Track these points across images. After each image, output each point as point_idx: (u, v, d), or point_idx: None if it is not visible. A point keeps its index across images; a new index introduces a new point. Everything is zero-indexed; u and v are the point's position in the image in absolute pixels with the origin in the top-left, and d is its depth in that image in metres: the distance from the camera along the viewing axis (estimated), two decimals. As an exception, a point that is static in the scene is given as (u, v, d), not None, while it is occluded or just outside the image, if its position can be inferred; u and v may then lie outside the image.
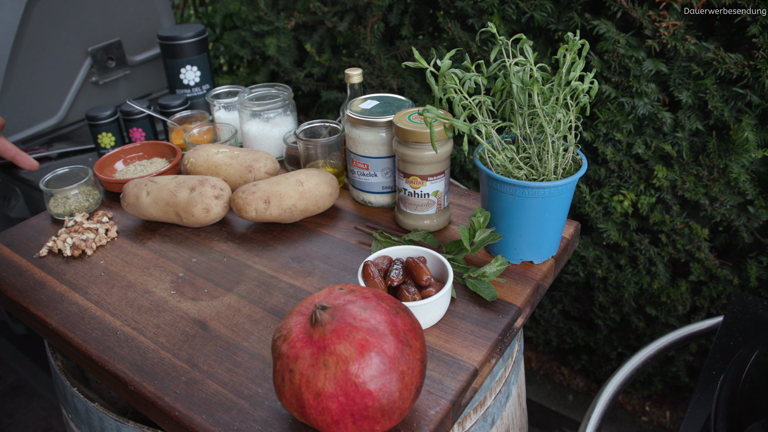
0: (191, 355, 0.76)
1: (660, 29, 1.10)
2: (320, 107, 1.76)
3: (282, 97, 1.18)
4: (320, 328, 0.58)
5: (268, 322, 0.81)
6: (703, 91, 1.12)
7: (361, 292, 0.62)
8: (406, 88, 1.52)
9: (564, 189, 0.81)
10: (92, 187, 1.09)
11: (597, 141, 1.27)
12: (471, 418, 0.85)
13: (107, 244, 0.99)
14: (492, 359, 0.77)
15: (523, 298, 0.82)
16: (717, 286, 1.31)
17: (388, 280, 0.77)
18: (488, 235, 0.83)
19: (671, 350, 1.12)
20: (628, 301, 1.42)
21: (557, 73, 0.79)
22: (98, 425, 0.79)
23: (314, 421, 0.58)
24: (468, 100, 0.81)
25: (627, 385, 1.03)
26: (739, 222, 1.22)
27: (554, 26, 1.23)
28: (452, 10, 1.36)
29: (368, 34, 1.51)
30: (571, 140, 0.83)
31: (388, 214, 1.03)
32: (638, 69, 1.15)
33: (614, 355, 1.59)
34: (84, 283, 0.90)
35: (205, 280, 0.89)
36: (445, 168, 0.92)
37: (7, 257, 0.97)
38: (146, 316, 0.83)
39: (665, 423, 1.63)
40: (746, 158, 1.14)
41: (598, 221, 1.35)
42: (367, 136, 0.97)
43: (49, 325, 0.83)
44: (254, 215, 0.96)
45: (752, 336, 0.98)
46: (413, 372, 0.59)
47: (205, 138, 1.24)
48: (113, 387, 0.76)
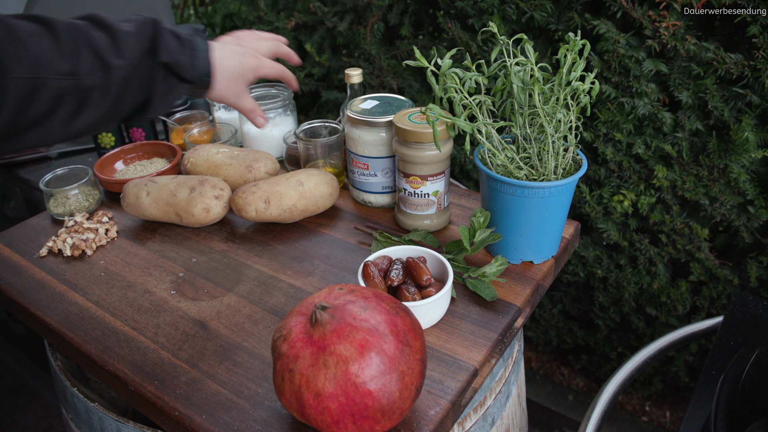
0: (191, 355, 0.76)
1: (660, 29, 1.11)
2: (320, 107, 1.76)
3: (282, 97, 1.18)
4: (320, 328, 0.58)
5: (268, 322, 0.81)
6: (703, 91, 1.12)
7: (361, 292, 0.62)
8: (406, 88, 1.52)
9: (564, 189, 0.81)
10: (92, 187, 1.09)
11: (597, 141, 1.27)
12: (471, 418, 0.85)
13: (107, 244, 0.99)
14: (492, 359, 0.77)
15: (523, 298, 0.82)
16: (717, 286, 1.31)
17: (388, 280, 0.77)
18: (488, 235, 0.83)
19: (671, 350, 1.12)
20: (628, 301, 1.42)
21: (558, 73, 0.79)
22: (98, 425, 0.79)
23: (314, 421, 0.58)
24: (468, 100, 0.81)
25: (627, 385, 1.03)
26: (739, 222, 1.22)
27: (554, 26, 1.23)
28: (452, 10, 1.36)
29: (368, 34, 1.51)
30: (571, 140, 0.83)
31: (388, 214, 1.03)
32: (638, 69, 1.15)
33: (614, 355, 1.59)
34: (84, 283, 0.90)
35: (205, 280, 0.89)
36: (445, 168, 0.92)
37: (7, 257, 0.97)
38: (146, 316, 0.83)
39: (665, 423, 1.63)
40: (746, 158, 1.14)
41: (598, 221, 1.35)
42: (367, 136, 0.97)
43: (49, 325, 0.83)
44: (254, 215, 0.96)
45: (752, 336, 0.98)
46: (413, 372, 0.59)
47: (205, 138, 1.24)
48: (113, 387, 0.76)
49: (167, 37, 0.76)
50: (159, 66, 0.75)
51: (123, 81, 0.71)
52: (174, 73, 0.77)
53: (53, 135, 0.70)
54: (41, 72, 0.65)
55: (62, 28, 0.68)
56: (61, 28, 0.68)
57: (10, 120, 0.64)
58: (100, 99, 0.70)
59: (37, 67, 0.65)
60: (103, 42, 0.70)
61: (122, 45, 0.71)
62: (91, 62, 0.68)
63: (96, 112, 0.70)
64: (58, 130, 0.69)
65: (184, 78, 0.78)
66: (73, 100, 0.68)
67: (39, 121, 0.67)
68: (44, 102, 0.66)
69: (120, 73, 0.70)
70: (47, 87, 0.66)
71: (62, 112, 0.68)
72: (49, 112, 0.67)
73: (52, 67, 0.66)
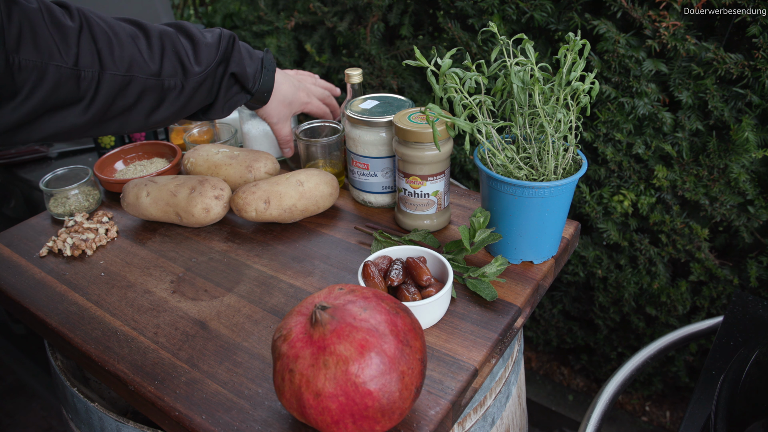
0: (191, 355, 0.76)
1: (660, 29, 1.11)
2: (320, 107, 1.76)
3: (282, 97, 1.17)
4: (320, 328, 0.58)
5: (268, 322, 0.81)
6: (703, 91, 1.12)
7: (361, 292, 0.62)
8: (406, 88, 1.52)
9: (564, 189, 0.81)
10: (92, 187, 1.09)
11: (597, 141, 1.27)
12: (471, 418, 0.85)
13: (107, 244, 0.99)
14: (492, 359, 0.77)
15: (523, 298, 0.82)
16: (717, 286, 1.31)
17: (388, 280, 0.77)
18: (488, 235, 0.83)
19: (671, 350, 1.12)
20: (628, 301, 1.42)
21: (558, 73, 0.79)
22: (98, 425, 0.79)
23: (314, 421, 0.58)
24: (468, 100, 0.81)
25: (627, 385, 1.03)
26: (739, 222, 1.22)
27: (554, 26, 1.23)
28: (452, 10, 1.36)
29: (368, 34, 1.51)
30: (571, 140, 0.83)
31: (388, 214, 1.03)
32: (638, 69, 1.15)
33: (614, 355, 1.59)
34: (84, 283, 0.90)
35: (205, 280, 0.89)
36: (445, 168, 0.92)
37: (7, 257, 0.97)
38: (146, 316, 0.83)
39: (665, 423, 1.63)
40: (746, 158, 1.14)
41: (598, 221, 1.35)
42: (367, 136, 0.97)
43: (49, 325, 0.83)
44: (254, 215, 0.96)
45: (752, 336, 0.98)
46: (413, 372, 0.59)
47: (205, 138, 1.24)
48: (113, 387, 0.76)
49: (241, 51, 0.88)
50: (228, 75, 0.86)
51: (197, 84, 0.82)
52: (239, 82, 0.89)
53: (131, 126, 0.79)
54: (133, 71, 0.75)
55: (155, 34, 0.79)
56: (154, 33, 0.79)
57: (101, 110, 0.74)
58: (176, 98, 0.81)
59: (130, 66, 0.75)
60: (186, 50, 0.81)
61: (201, 54, 0.82)
62: (174, 66, 0.79)
63: (170, 109, 0.81)
64: (136, 122, 0.79)
65: (247, 89, 0.90)
66: (154, 97, 0.78)
67: (123, 113, 0.76)
68: (131, 97, 0.76)
69: (196, 78, 0.81)
70: (135, 84, 0.76)
71: (143, 106, 0.78)
72: (133, 106, 0.77)
73: (141, 68, 0.76)
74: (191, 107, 0.84)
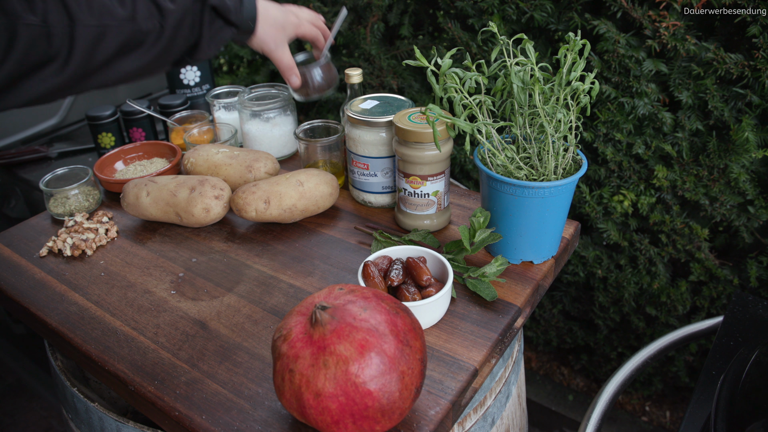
0: (191, 355, 0.76)
1: (660, 29, 1.11)
2: (320, 107, 1.76)
3: (282, 97, 1.18)
4: (320, 328, 0.58)
5: (268, 322, 0.81)
6: (703, 91, 1.12)
7: (361, 292, 0.62)
8: (406, 88, 1.52)
9: (564, 189, 0.81)
10: (92, 187, 1.09)
11: (597, 141, 1.27)
12: (471, 418, 0.85)
13: (107, 244, 0.99)
14: (492, 359, 0.77)
15: (523, 298, 0.82)
16: (717, 286, 1.31)
17: (388, 280, 0.77)
18: (488, 235, 0.83)
19: (671, 350, 1.12)
20: (628, 301, 1.42)
21: (558, 73, 0.79)
22: (98, 425, 0.79)
23: (314, 421, 0.58)
24: (468, 100, 0.81)
25: (627, 385, 1.03)
26: (739, 222, 1.22)
27: (554, 26, 1.23)
28: (452, 10, 1.36)
29: (368, 34, 1.51)
30: (571, 140, 0.83)
31: (388, 214, 1.03)
32: (638, 69, 1.15)
33: (614, 355, 1.59)
34: (84, 283, 0.90)
35: (205, 280, 0.89)
36: (445, 168, 0.92)
37: (7, 257, 0.97)
38: (146, 316, 0.83)
39: (665, 423, 1.63)
40: (746, 158, 1.14)
41: (598, 221, 1.35)
42: (367, 136, 0.97)
43: (49, 325, 0.83)
44: (254, 215, 0.96)
45: (752, 336, 0.98)
46: (413, 372, 0.59)
47: (205, 138, 1.24)
48: (113, 387, 0.76)
49: None
50: (207, 9, 0.82)
51: (175, 24, 0.78)
52: (221, 16, 0.84)
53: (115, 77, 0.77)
54: (105, 19, 0.72)
55: None
56: None
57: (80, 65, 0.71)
58: (156, 40, 0.77)
59: (101, 15, 0.72)
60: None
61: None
62: (149, 7, 0.76)
63: (151, 53, 0.78)
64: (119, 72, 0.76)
65: (230, 21, 0.86)
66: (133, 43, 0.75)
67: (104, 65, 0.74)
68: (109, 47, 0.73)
69: (173, 17, 0.78)
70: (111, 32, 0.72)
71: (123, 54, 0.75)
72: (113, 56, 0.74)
73: (114, 14, 0.73)
74: (175, 50, 0.81)
